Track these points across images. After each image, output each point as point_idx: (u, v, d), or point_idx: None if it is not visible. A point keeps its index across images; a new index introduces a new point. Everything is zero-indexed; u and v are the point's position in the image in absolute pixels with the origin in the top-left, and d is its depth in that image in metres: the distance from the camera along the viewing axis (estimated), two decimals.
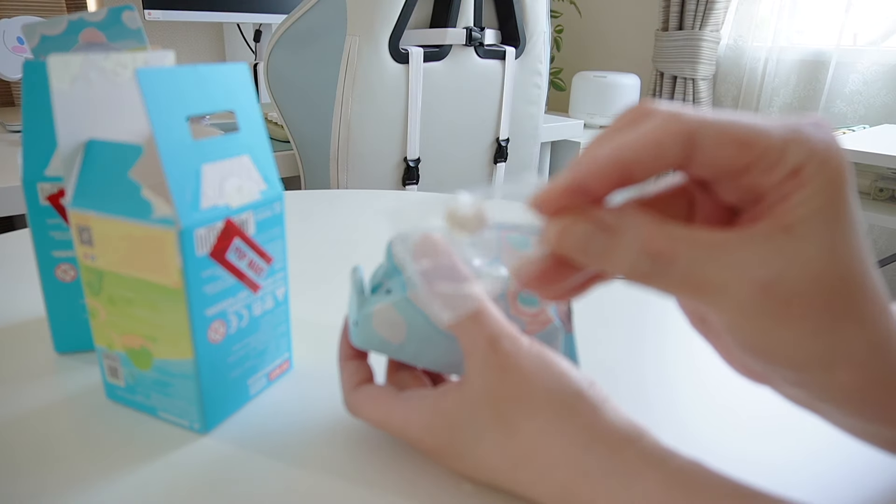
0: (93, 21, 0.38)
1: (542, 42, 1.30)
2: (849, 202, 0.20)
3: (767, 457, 0.33)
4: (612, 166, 0.20)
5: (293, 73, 1.15)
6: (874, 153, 1.36)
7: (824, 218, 0.19)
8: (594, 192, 0.20)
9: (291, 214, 0.73)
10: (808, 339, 0.20)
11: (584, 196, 0.20)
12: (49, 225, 0.38)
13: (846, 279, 0.20)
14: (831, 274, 0.20)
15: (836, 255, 0.19)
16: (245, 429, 0.34)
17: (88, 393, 0.37)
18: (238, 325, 0.34)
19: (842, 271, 0.20)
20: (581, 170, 0.20)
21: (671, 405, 0.38)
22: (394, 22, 1.05)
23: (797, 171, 0.19)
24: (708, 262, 0.19)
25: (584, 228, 0.20)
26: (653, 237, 0.20)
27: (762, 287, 0.19)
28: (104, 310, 0.34)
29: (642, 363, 0.43)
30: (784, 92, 2.09)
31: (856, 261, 0.20)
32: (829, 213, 0.19)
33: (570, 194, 0.20)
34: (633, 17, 2.41)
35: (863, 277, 0.20)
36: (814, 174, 0.19)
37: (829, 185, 0.19)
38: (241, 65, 0.34)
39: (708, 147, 0.19)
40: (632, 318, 0.49)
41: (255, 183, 0.34)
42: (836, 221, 0.19)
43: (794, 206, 0.19)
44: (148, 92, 0.28)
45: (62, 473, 0.30)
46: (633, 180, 0.20)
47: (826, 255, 0.19)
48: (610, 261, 0.20)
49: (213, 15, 1.47)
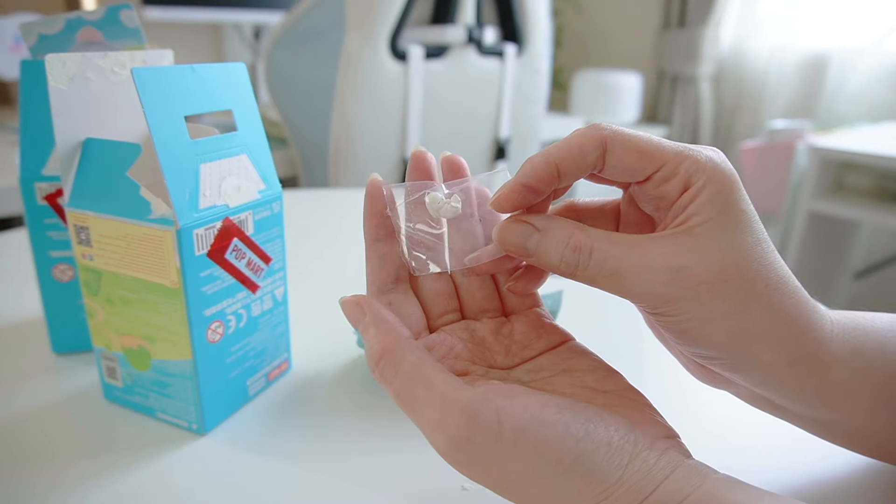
0: (91, 20, 0.37)
1: (542, 40, 1.30)
2: (740, 208, 0.24)
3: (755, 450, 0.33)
4: (546, 167, 0.24)
5: (292, 72, 1.14)
6: (874, 153, 1.36)
7: (717, 224, 0.23)
8: (536, 189, 0.25)
9: (290, 214, 0.73)
10: (722, 320, 0.24)
11: (530, 193, 0.25)
12: (46, 224, 0.38)
13: (744, 271, 0.24)
14: (730, 267, 0.23)
15: (732, 253, 0.23)
16: (244, 429, 0.34)
17: (86, 394, 0.37)
18: (237, 326, 0.34)
19: (739, 265, 0.24)
20: (524, 172, 0.25)
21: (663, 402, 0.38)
22: (393, 20, 1.05)
23: (689, 184, 0.24)
24: (622, 255, 0.24)
25: (521, 227, 0.25)
26: (575, 234, 0.24)
27: (672, 273, 0.23)
28: (102, 310, 0.33)
29: (631, 360, 0.42)
30: (786, 91, 2.09)
31: (752, 257, 0.24)
32: (721, 220, 0.23)
33: (518, 192, 0.25)
34: (634, 15, 2.41)
35: (763, 269, 0.24)
36: (703, 186, 0.24)
37: (718, 196, 0.24)
38: (238, 64, 0.34)
39: (616, 153, 0.24)
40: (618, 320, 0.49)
41: (254, 182, 0.34)
42: (729, 226, 0.24)
43: (691, 214, 0.24)
44: (145, 91, 0.28)
45: (60, 474, 0.30)
46: (564, 178, 0.25)
47: (723, 253, 0.23)
48: (543, 253, 0.25)
49: (212, 13, 1.46)
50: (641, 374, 0.41)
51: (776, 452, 0.33)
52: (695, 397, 0.39)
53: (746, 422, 0.36)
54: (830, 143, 1.46)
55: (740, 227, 0.24)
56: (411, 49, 1.09)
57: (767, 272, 0.24)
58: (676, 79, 2.29)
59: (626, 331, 0.47)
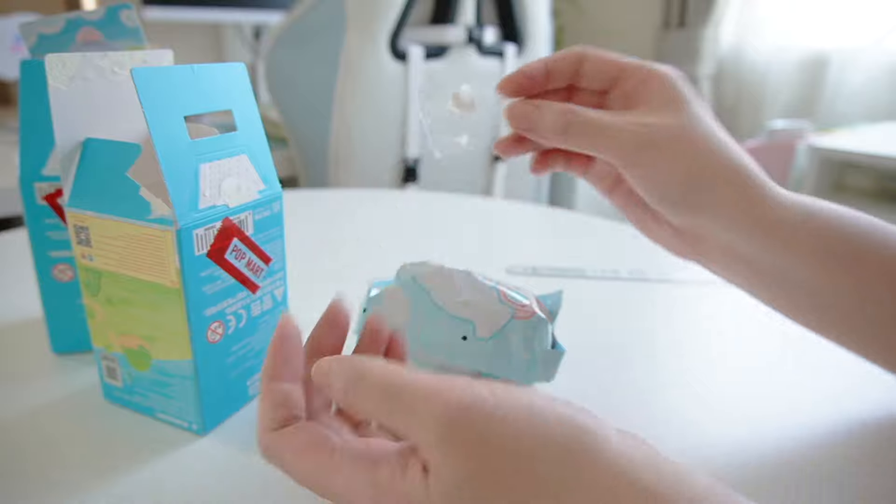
0: (90, 19, 0.37)
1: (542, 41, 1.30)
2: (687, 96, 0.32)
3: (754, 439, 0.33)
4: (538, 63, 0.34)
5: (292, 72, 1.14)
6: (875, 153, 1.36)
7: (671, 102, 0.32)
8: (531, 76, 0.34)
9: (290, 214, 0.73)
10: (683, 162, 0.31)
11: (526, 80, 0.34)
12: (46, 225, 0.38)
13: (694, 130, 0.31)
14: (683, 126, 0.31)
15: (683, 118, 0.31)
16: (244, 429, 0.34)
17: (86, 394, 0.37)
18: (237, 326, 0.34)
19: (689, 126, 0.31)
20: (526, 66, 0.34)
21: (664, 398, 0.38)
22: (393, 20, 1.05)
23: (648, 80, 0.32)
24: (604, 116, 0.32)
25: (523, 105, 0.33)
26: (563, 106, 0.32)
27: (642, 126, 0.31)
28: (102, 310, 0.33)
29: (629, 354, 0.42)
30: (786, 90, 2.09)
31: (699, 123, 0.32)
32: (673, 101, 0.32)
33: (517, 77, 0.34)
34: (634, 15, 2.41)
35: (709, 132, 0.32)
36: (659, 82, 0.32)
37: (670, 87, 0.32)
38: (238, 64, 0.34)
39: (591, 60, 0.34)
40: (617, 316, 0.49)
41: (254, 182, 0.34)
42: (679, 104, 0.32)
43: (650, 98, 0.32)
44: (144, 91, 0.28)
45: (59, 474, 0.30)
46: (552, 77, 0.34)
47: (677, 118, 0.31)
48: (540, 121, 0.32)
49: (212, 13, 1.46)
50: (640, 372, 0.41)
51: (771, 455, 0.33)
52: (696, 396, 0.39)
53: (747, 421, 0.36)
54: (830, 143, 1.46)
55: (688, 105, 0.32)
56: (411, 49, 1.09)
57: (714, 134, 0.32)
58: None
59: (625, 330, 0.47)
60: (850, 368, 0.38)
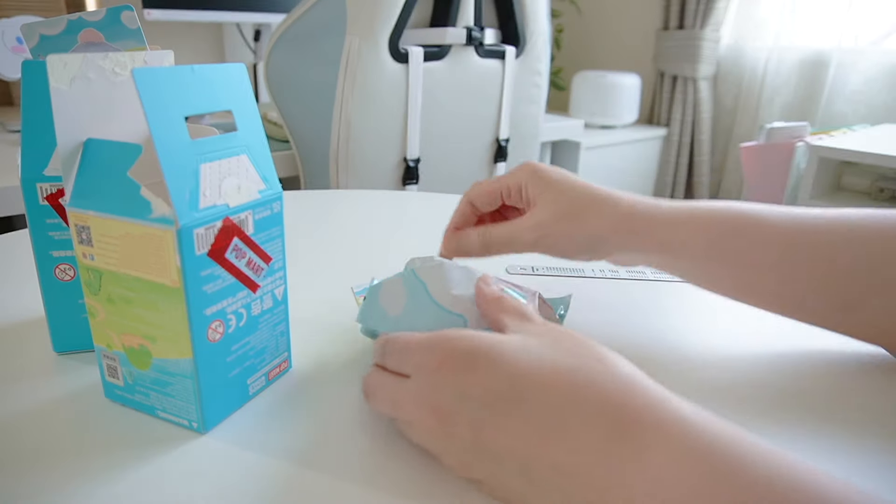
0: (92, 21, 0.38)
1: (542, 41, 1.30)
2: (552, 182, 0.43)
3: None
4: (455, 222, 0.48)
5: (293, 73, 1.15)
6: (874, 153, 1.36)
7: (546, 196, 0.43)
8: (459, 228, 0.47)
9: (290, 214, 0.73)
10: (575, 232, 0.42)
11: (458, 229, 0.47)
12: (48, 224, 0.38)
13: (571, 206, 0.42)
14: (562, 208, 0.42)
15: (559, 203, 0.42)
16: (244, 428, 0.34)
17: (87, 393, 0.37)
18: (237, 325, 0.34)
19: (566, 203, 0.42)
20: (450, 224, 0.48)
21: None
22: (394, 21, 1.05)
23: (521, 188, 0.44)
24: (508, 227, 0.44)
25: (452, 237, 0.47)
26: (479, 229, 0.45)
27: (536, 224, 0.43)
28: (103, 309, 0.34)
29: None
30: (785, 91, 2.09)
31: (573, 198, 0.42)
32: (546, 194, 0.43)
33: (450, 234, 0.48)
34: (633, 16, 2.41)
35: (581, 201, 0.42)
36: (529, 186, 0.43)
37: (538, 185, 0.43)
38: (238, 65, 0.34)
39: (477, 197, 0.46)
40: (621, 312, 0.49)
41: (254, 182, 0.34)
42: (553, 194, 0.42)
43: (531, 201, 0.43)
44: (145, 92, 0.28)
45: (61, 473, 0.30)
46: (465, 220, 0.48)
47: (555, 204, 0.42)
48: (468, 245, 0.46)
49: (213, 14, 1.47)
50: (647, 374, 0.41)
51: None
52: (697, 396, 0.39)
53: (749, 418, 0.36)
54: (829, 143, 1.46)
55: (558, 190, 0.42)
56: (412, 50, 1.10)
57: (584, 201, 0.42)
58: (675, 80, 2.29)
59: (632, 333, 0.47)
60: (850, 359, 0.38)
